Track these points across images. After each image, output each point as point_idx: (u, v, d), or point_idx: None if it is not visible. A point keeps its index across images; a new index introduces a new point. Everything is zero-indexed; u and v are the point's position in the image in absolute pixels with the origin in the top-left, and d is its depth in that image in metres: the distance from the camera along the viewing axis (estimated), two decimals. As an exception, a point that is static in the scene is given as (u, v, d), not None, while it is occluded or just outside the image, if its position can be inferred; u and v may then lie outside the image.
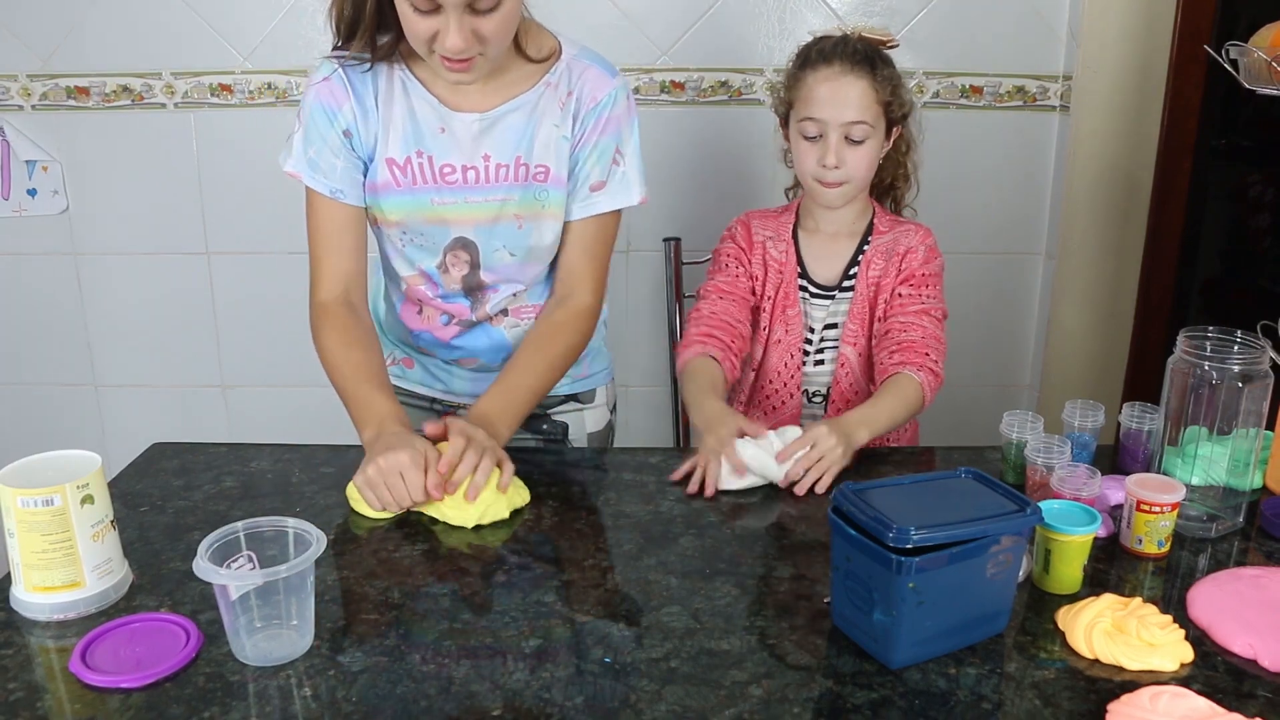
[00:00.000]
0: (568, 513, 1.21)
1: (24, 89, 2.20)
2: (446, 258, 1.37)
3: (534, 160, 1.32)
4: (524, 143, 1.31)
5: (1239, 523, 1.17)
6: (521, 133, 1.31)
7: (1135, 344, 2.21)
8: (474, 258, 1.36)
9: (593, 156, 1.33)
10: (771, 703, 0.86)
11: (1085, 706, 0.86)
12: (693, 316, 1.56)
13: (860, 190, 1.53)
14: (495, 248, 1.36)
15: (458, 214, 1.33)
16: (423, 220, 1.34)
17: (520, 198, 1.33)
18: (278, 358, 2.35)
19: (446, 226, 1.34)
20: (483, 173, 1.32)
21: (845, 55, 1.47)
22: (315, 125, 1.30)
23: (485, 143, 1.31)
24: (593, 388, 1.56)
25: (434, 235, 1.35)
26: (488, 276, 1.39)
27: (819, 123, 1.47)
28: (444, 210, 1.33)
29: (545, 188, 1.33)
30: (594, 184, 1.35)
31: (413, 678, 0.89)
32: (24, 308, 2.37)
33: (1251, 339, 1.13)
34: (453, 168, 1.31)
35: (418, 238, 1.35)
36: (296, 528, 0.96)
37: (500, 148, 1.31)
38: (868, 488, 0.96)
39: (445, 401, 1.54)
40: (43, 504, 0.95)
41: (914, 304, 1.51)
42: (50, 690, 0.88)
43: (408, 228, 1.34)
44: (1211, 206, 2.36)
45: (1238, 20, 2.08)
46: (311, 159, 1.30)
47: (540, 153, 1.32)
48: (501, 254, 1.36)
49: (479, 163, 1.31)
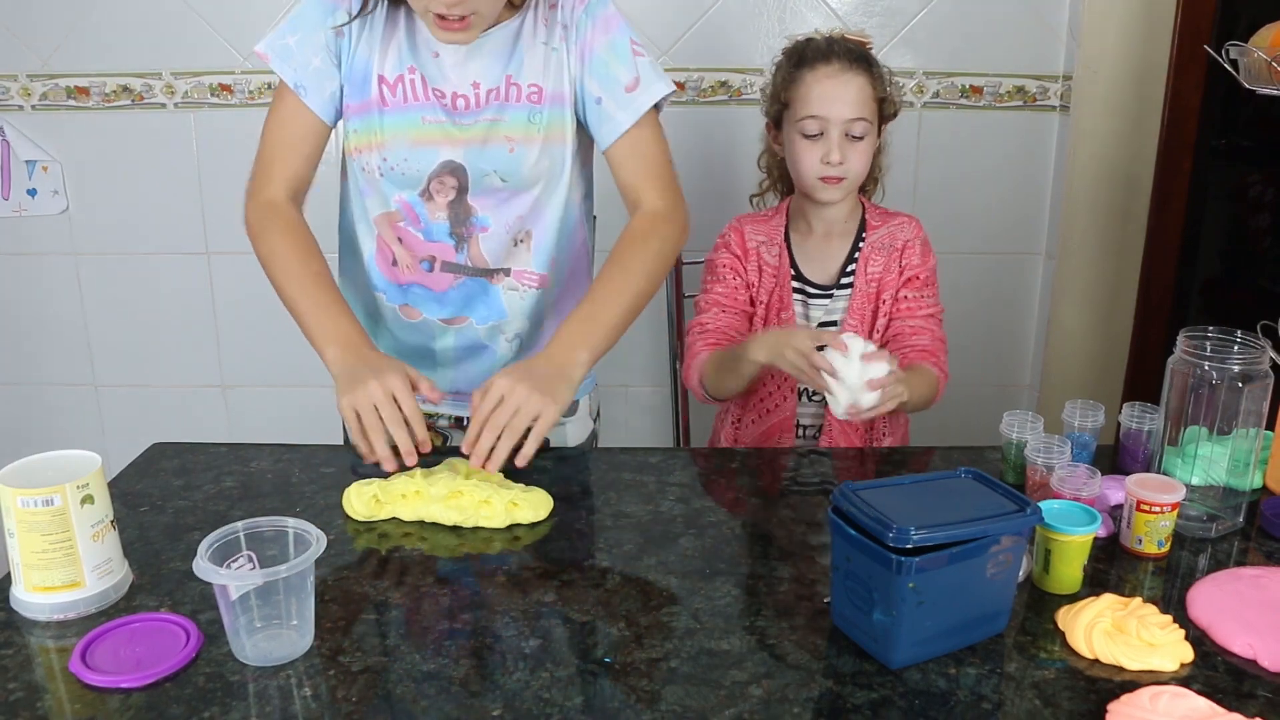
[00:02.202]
0: (568, 513, 1.21)
1: (24, 89, 2.20)
2: (431, 184, 1.31)
3: (525, 80, 1.28)
4: (513, 64, 1.28)
5: (1239, 523, 1.16)
6: (510, 53, 1.28)
7: (1135, 344, 2.21)
8: (461, 181, 1.30)
9: (612, 57, 1.28)
10: (771, 703, 0.86)
11: (1085, 706, 0.86)
12: (694, 329, 1.58)
13: (855, 187, 1.56)
14: (485, 171, 1.30)
15: (447, 134, 1.28)
16: (409, 142, 1.28)
17: (511, 118, 1.28)
18: (277, 358, 2.35)
19: (435, 148, 1.29)
20: (472, 100, 1.28)
21: (842, 54, 1.50)
22: (307, 13, 1.25)
23: (473, 68, 1.27)
24: (575, 399, 1.48)
25: (418, 160, 1.29)
26: (475, 203, 1.32)
27: (821, 120, 1.48)
28: (433, 130, 1.28)
29: (537, 109, 1.29)
30: (627, 84, 1.28)
31: (413, 678, 0.89)
32: (24, 308, 2.37)
33: (1251, 339, 1.13)
34: (443, 93, 1.28)
35: (400, 164, 1.29)
36: (296, 528, 0.96)
37: (488, 72, 1.28)
38: (868, 488, 0.96)
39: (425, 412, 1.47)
40: (43, 504, 0.95)
41: (922, 308, 1.54)
42: (50, 690, 0.88)
43: (390, 152, 1.29)
44: (1211, 206, 2.36)
45: (1238, 20, 2.08)
46: (288, 46, 1.25)
47: (530, 73, 1.28)
48: (492, 179, 1.31)
49: (469, 91, 1.28)
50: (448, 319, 1.41)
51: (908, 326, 1.53)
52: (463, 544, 1.13)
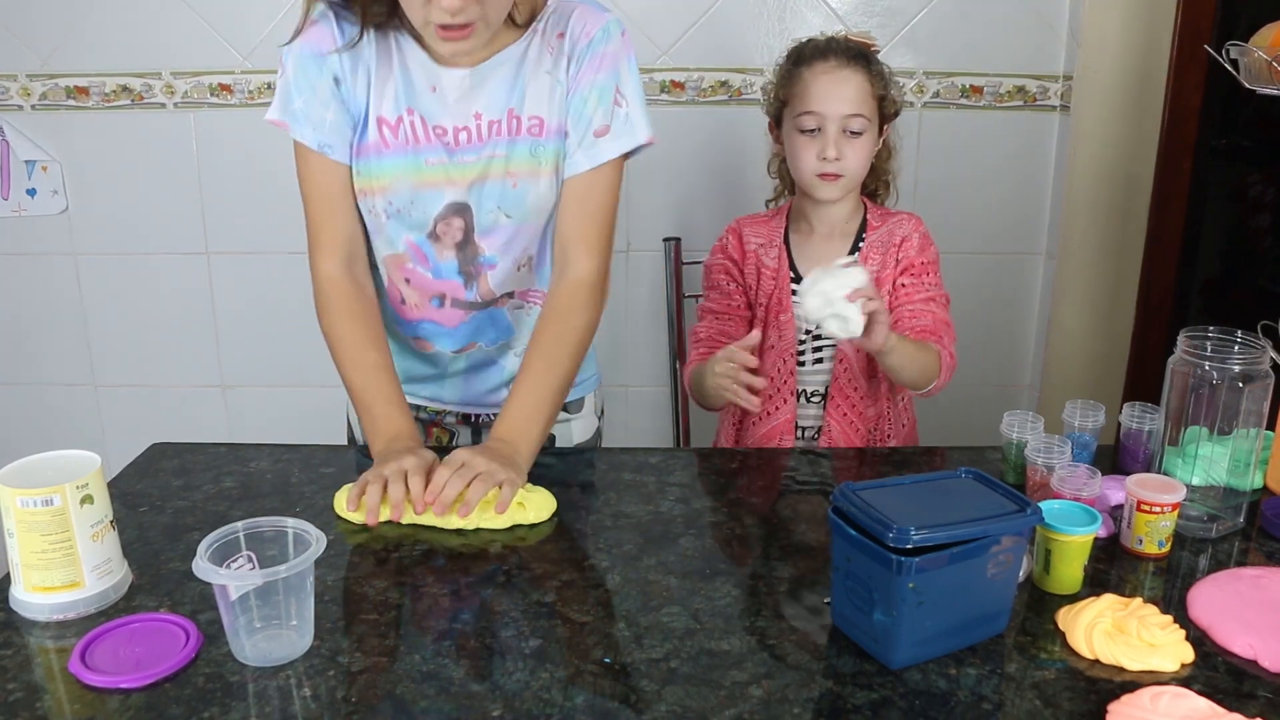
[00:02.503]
0: (568, 513, 1.21)
1: (23, 89, 2.20)
2: (437, 226, 1.30)
3: (526, 112, 1.26)
4: (515, 95, 1.26)
5: (1239, 523, 1.16)
6: (513, 85, 1.26)
7: (1135, 344, 2.21)
8: (468, 222, 1.30)
9: (592, 97, 1.26)
10: (771, 703, 0.86)
11: (1086, 707, 0.86)
12: (691, 337, 1.61)
13: (856, 184, 1.55)
14: (489, 209, 1.30)
15: (449, 175, 1.27)
16: (413, 185, 1.27)
17: (511, 153, 1.27)
18: (277, 358, 2.36)
19: (439, 191, 1.28)
20: (474, 132, 1.26)
21: (840, 51, 1.50)
22: (304, 72, 1.23)
23: (476, 100, 1.26)
24: (580, 396, 1.50)
25: (424, 203, 1.29)
26: (483, 243, 1.32)
27: (818, 115, 1.48)
28: (436, 172, 1.27)
29: (540, 141, 1.27)
30: (597, 129, 1.26)
31: (412, 678, 0.89)
32: (23, 308, 2.37)
33: (1252, 339, 1.13)
34: (444, 129, 1.26)
35: (405, 207, 1.29)
36: (296, 528, 0.96)
37: (491, 103, 1.26)
38: (868, 488, 0.96)
39: (430, 409, 1.49)
40: (42, 504, 0.95)
41: (919, 292, 1.53)
42: (49, 691, 0.88)
43: (395, 196, 1.28)
44: (1212, 206, 2.36)
45: (1238, 20, 2.07)
46: (300, 109, 1.23)
47: (533, 104, 1.26)
48: (496, 215, 1.30)
49: (471, 123, 1.26)
50: (459, 349, 1.43)
51: (907, 311, 1.52)
52: (463, 544, 1.13)
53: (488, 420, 1.49)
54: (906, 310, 1.52)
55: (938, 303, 1.53)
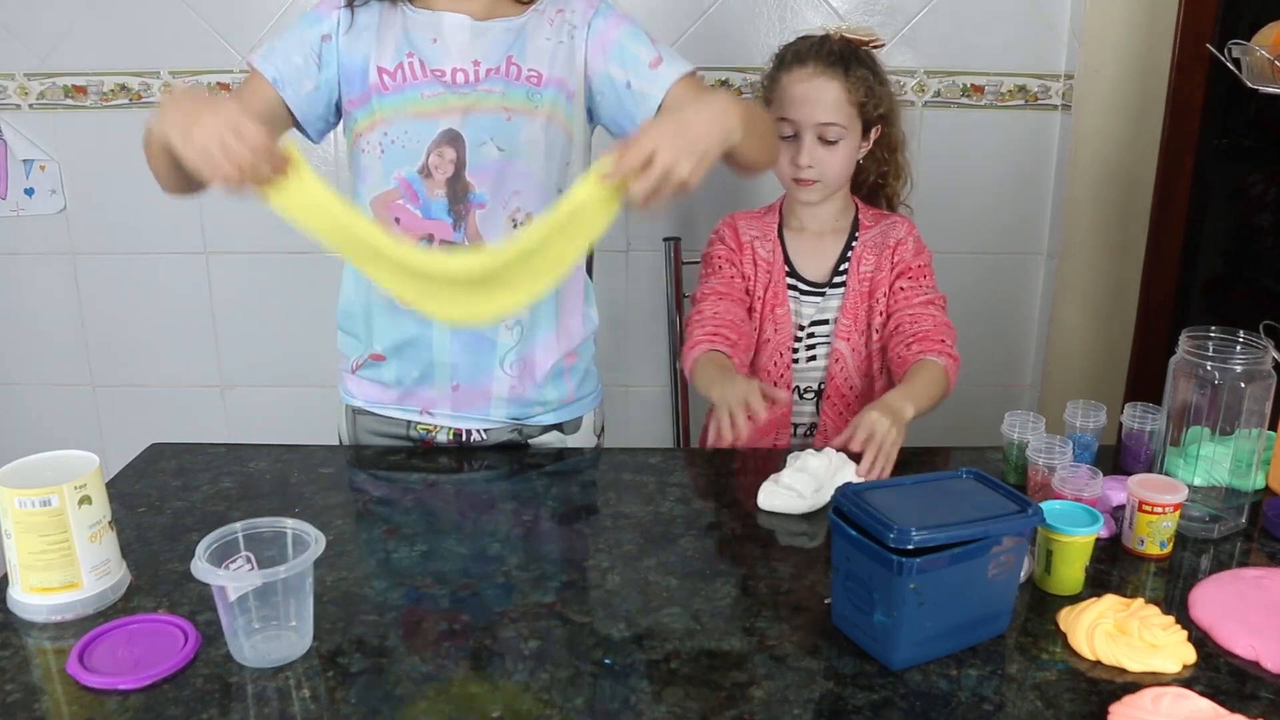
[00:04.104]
0: (568, 513, 1.20)
1: (21, 88, 2.19)
2: (430, 158, 1.32)
3: (526, 63, 1.31)
4: (515, 47, 1.31)
5: (1241, 523, 1.16)
6: (513, 41, 1.31)
7: (1137, 344, 2.20)
8: (459, 155, 1.31)
9: (629, 42, 1.32)
10: (772, 704, 0.86)
11: (1087, 708, 0.86)
12: (693, 319, 1.55)
13: (835, 189, 1.55)
14: (482, 140, 1.31)
15: (444, 104, 1.30)
16: (409, 116, 1.31)
17: (508, 91, 1.31)
18: (276, 358, 2.35)
19: (433, 120, 1.30)
20: (471, 74, 1.30)
21: (819, 57, 1.49)
22: (296, 27, 1.31)
23: (475, 48, 1.30)
24: (578, 415, 1.46)
25: (418, 132, 1.31)
26: (473, 179, 1.32)
27: (793, 123, 1.49)
28: (431, 103, 1.30)
29: (537, 90, 1.31)
30: (651, 61, 1.32)
31: (412, 679, 0.89)
32: (21, 307, 2.37)
33: (1254, 339, 1.13)
34: (442, 71, 1.30)
35: (400, 137, 1.31)
36: (295, 528, 0.96)
37: (490, 53, 1.30)
38: (868, 488, 0.96)
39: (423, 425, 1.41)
40: (40, 504, 0.94)
41: (918, 295, 1.53)
42: (48, 692, 0.88)
43: (390, 127, 1.31)
44: (1214, 206, 2.35)
45: (1240, 19, 2.07)
46: (272, 46, 1.30)
47: (533, 58, 1.31)
48: (488, 148, 1.31)
49: (468, 66, 1.30)
50: None
51: (907, 315, 1.52)
52: (463, 544, 1.13)
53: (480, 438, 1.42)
54: (907, 314, 1.52)
55: (936, 305, 1.54)
